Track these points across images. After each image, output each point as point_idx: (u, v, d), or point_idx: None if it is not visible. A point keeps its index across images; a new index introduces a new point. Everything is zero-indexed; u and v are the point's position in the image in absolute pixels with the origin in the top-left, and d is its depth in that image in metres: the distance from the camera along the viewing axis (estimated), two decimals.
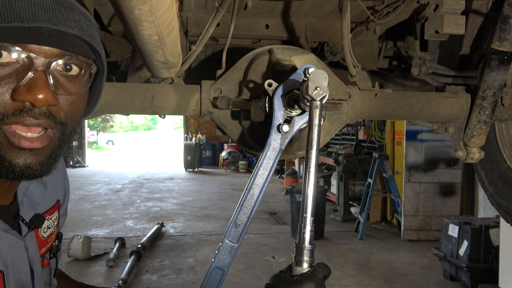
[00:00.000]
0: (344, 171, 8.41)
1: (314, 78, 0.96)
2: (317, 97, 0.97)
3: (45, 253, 0.95)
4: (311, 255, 0.90)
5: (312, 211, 0.93)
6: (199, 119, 10.18)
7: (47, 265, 0.95)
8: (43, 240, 0.94)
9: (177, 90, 1.59)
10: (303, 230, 0.91)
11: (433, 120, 1.80)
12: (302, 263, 0.90)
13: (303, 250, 0.90)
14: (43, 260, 0.94)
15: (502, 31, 1.46)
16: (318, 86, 0.96)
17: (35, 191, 0.92)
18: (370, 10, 1.84)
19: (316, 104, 0.98)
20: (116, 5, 0.83)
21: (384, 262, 6.12)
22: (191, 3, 1.89)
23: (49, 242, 0.97)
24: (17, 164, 0.71)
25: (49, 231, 0.97)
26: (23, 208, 0.89)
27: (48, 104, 0.72)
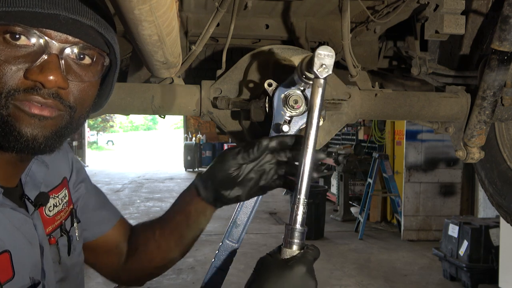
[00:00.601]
0: (344, 171, 8.41)
1: (321, 54, 0.89)
2: (322, 74, 0.90)
3: (52, 232, 0.96)
4: (302, 237, 0.86)
5: (306, 192, 0.87)
6: (199, 119, 10.19)
7: (54, 243, 0.96)
8: (48, 219, 0.95)
9: (177, 90, 1.59)
10: (295, 212, 0.86)
11: (433, 120, 1.80)
12: (292, 245, 0.86)
13: (294, 232, 0.86)
14: (50, 239, 0.95)
15: (502, 31, 1.46)
16: (324, 63, 0.90)
17: (37, 170, 0.94)
18: (370, 10, 1.84)
19: (320, 83, 0.91)
20: (116, 5, 0.83)
21: (384, 262, 6.12)
22: (191, 3, 1.89)
23: (56, 221, 0.98)
24: (24, 133, 0.75)
25: (55, 209, 0.98)
26: (27, 188, 0.91)
27: (57, 86, 0.75)
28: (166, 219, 1.13)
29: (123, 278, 1.21)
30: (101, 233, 1.15)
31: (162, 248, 1.12)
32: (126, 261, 1.18)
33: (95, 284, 5.30)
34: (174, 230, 1.10)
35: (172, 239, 1.10)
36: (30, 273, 0.85)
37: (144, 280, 1.21)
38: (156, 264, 1.15)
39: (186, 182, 13.36)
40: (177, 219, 1.09)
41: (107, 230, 1.16)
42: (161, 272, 1.18)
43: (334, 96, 1.58)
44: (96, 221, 1.14)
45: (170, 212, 1.12)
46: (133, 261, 1.16)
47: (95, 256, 1.17)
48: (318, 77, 0.91)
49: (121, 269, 1.18)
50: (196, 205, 1.06)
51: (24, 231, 0.85)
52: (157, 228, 1.14)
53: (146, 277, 1.20)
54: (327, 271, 5.63)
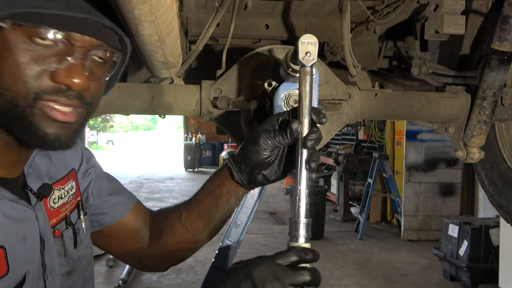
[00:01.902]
0: (344, 171, 8.41)
1: (304, 42, 0.89)
2: (308, 62, 0.89)
3: (56, 224, 0.96)
4: (308, 229, 0.85)
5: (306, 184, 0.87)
6: (199, 119, 10.19)
7: (58, 236, 0.96)
8: (53, 211, 0.95)
9: (177, 90, 1.59)
10: (298, 204, 0.85)
11: (433, 120, 1.80)
12: (298, 238, 0.85)
13: (299, 225, 0.84)
14: (54, 231, 0.95)
15: (502, 31, 1.46)
16: (308, 51, 0.89)
17: (40, 162, 0.95)
18: (370, 10, 1.84)
19: (307, 70, 0.90)
20: (116, 5, 0.83)
21: (384, 262, 6.12)
22: (191, 3, 1.89)
23: (61, 213, 0.98)
24: (50, 134, 0.79)
25: (61, 201, 0.98)
26: (30, 179, 0.91)
27: (82, 89, 0.80)
28: (193, 202, 1.11)
29: (148, 264, 1.19)
30: (120, 216, 1.13)
31: (190, 231, 1.10)
32: (150, 246, 1.16)
33: (95, 284, 5.28)
34: (202, 213, 1.08)
35: (200, 222, 1.09)
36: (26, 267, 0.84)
37: (169, 264, 1.19)
38: (183, 247, 1.13)
39: (186, 182, 13.36)
40: (206, 201, 1.08)
41: (125, 213, 1.14)
42: (188, 255, 1.16)
43: (334, 96, 1.58)
44: (113, 205, 1.13)
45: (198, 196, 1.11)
46: (159, 245, 1.15)
47: (116, 242, 1.16)
48: (304, 65, 0.89)
49: (145, 255, 1.16)
50: (228, 187, 1.05)
51: (23, 224, 0.84)
52: (184, 211, 1.12)
53: (172, 261, 1.18)
54: (327, 271, 5.63)
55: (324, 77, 1.56)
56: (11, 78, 0.74)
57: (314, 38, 0.90)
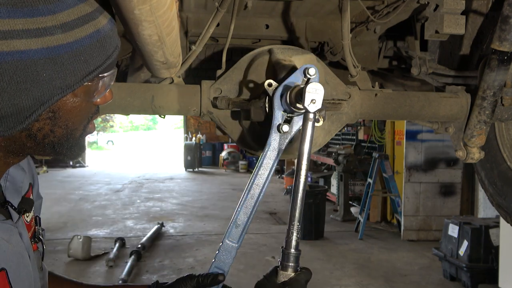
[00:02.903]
0: (344, 171, 8.40)
1: (311, 89, 0.96)
2: (312, 109, 0.97)
3: (31, 238, 0.95)
4: (296, 260, 0.97)
5: (300, 218, 0.99)
6: (199, 119, 10.18)
7: (36, 250, 0.97)
8: (27, 225, 0.94)
9: (177, 90, 1.59)
10: (290, 237, 0.97)
11: (433, 120, 1.80)
12: (287, 268, 0.96)
13: (290, 256, 0.96)
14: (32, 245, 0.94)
15: (502, 31, 1.46)
16: (314, 99, 0.96)
17: (15, 174, 0.94)
18: (370, 10, 1.84)
19: (310, 117, 0.98)
20: (116, 5, 0.83)
21: (384, 262, 6.12)
22: (191, 3, 1.89)
23: (32, 226, 0.97)
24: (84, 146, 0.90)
25: (30, 215, 0.97)
26: (9, 193, 0.90)
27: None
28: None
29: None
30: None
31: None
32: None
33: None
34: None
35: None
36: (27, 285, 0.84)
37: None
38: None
39: (186, 182, 13.37)
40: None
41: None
42: None
43: (334, 96, 1.58)
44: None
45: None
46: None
47: None
48: (308, 111, 0.97)
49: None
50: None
51: (14, 243, 0.83)
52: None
53: None
54: (327, 271, 5.63)
55: (324, 77, 1.56)
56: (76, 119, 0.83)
57: (321, 87, 0.96)
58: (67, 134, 0.82)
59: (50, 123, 0.78)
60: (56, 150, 0.83)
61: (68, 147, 0.84)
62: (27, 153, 0.84)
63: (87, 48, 0.76)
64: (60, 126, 0.80)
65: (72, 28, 0.74)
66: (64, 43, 0.73)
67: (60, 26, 0.72)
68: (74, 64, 0.75)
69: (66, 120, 0.80)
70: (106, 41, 0.79)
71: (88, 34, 0.76)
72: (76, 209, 9.17)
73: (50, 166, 15.66)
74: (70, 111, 0.80)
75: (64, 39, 0.73)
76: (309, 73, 1.03)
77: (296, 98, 1.02)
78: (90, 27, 0.76)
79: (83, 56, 0.76)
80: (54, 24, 0.72)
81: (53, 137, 0.80)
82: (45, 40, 0.71)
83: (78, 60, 0.75)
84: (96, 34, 0.77)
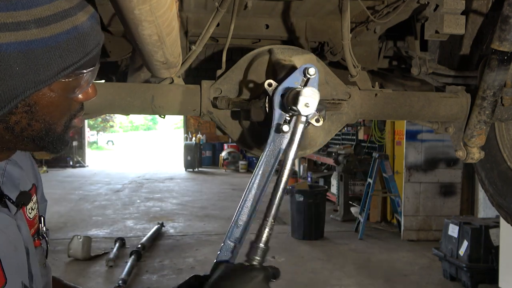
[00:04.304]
0: (344, 171, 8.40)
1: (306, 94, 0.96)
2: (305, 112, 0.97)
3: (34, 234, 0.97)
4: (263, 255, 0.97)
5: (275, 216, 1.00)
6: (199, 119, 10.18)
7: (39, 246, 0.98)
8: (30, 221, 0.96)
9: (177, 90, 1.59)
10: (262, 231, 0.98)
11: (433, 120, 1.80)
12: (252, 262, 0.96)
13: (257, 250, 0.97)
14: (34, 241, 0.96)
15: (502, 31, 1.46)
16: (308, 102, 0.96)
17: (12, 170, 0.95)
18: (370, 10, 1.84)
19: (302, 120, 0.99)
20: (116, 5, 0.83)
21: (384, 262, 6.12)
22: (191, 3, 1.89)
23: (35, 224, 0.99)
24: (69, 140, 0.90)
25: (33, 213, 0.98)
26: (6, 188, 0.91)
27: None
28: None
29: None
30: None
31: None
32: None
33: (95, 284, 5.30)
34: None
35: None
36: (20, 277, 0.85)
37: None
38: None
39: (186, 182, 13.36)
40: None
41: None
42: None
43: (334, 96, 1.58)
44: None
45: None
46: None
47: None
48: (301, 113, 0.98)
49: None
50: None
51: (9, 233, 0.84)
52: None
53: None
54: (327, 271, 5.63)
55: (324, 77, 1.56)
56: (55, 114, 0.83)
57: (317, 92, 0.97)
58: (46, 128, 0.82)
59: (27, 116, 0.79)
60: (37, 144, 0.84)
61: (50, 142, 0.85)
62: (9, 147, 0.85)
63: (63, 44, 0.76)
64: (37, 120, 0.80)
65: (48, 23, 0.74)
66: (39, 38, 0.73)
67: (34, 21, 0.73)
68: (49, 59, 0.75)
69: (43, 115, 0.81)
70: (85, 38, 0.79)
71: (64, 30, 0.76)
72: (76, 209, 9.16)
73: (50, 166, 15.66)
74: (48, 106, 0.81)
75: (38, 34, 0.73)
76: (309, 73, 1.03)
77: (292, 100, 1.02)
78: (67, 23, 0.76)
79: (58, 51, 0.76)
80: (28, 19, 0.72)
81: (31, 130, 0.81)
82: (19, 34, 0.72)
83: (52, 56, 0.75)
84: (74, 31, 0.77)
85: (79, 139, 17.62)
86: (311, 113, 0.98)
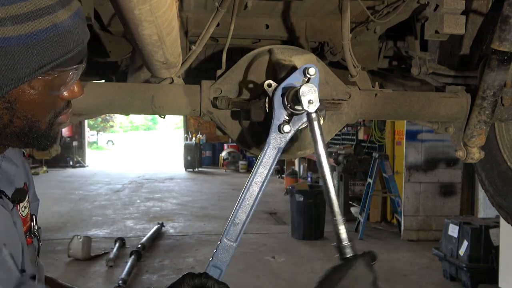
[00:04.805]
0: (344, 171, 8.40)
1: (306, 91, 0.99)
2: (312, 109, 1.01)
3: (26, 232, 0.98)
4: (353, 249, 0.99)
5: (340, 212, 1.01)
6: (199, 119, 10.18)
7: (31, 243, 0.98)
8: (23, 218, 0.97)
9: (177, 90, 1.59)
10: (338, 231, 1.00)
11: (433, 120, 1.80)
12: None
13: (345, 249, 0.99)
14: (27, 238, 0.97)
15: (502, 31, 1.46)
16: (311, 99, 1.00)
17: (7, 167, 0.96)
18: (370, 10, 1.84)
19: (313, 117, 1.02)
20: (116, 5, 0.83)
21: (384, 262, 6.12)
22: (191, 3, 1.89)
23: (27, 221, 1.00)
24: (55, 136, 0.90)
25: (25, 211, 0.99)
26: (2, 184, 0.92)
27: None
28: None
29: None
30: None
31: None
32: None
33: (95, 284, 5.30)
34: None
35: None
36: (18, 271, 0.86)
37: None
38: None
39: (186, 182, 13.36)
40: None
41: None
42: None
43: (334, 96, 1.58)
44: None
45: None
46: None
47: None
48: (309, 112, 1.01)
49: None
50: None
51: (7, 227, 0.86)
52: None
53: None
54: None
55: (324, 77, 1.56)
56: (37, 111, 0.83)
57: (313, 86, 1.00)
58: (28, 125, 0.83)
59: (8, 113, 0.80)
60: (22, 140, 0.85)
61: (34, 138, 0.85)
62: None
63: (41, 41, 0.76)
64: (18, 117, 0.81)
65: (25, 21, 0.74)
66: (15, 35, 0.73)
67: (10, 18, 0.73)
68: (26, 56, 0.75)
69: (24, 112, 0.81)
70: (66, 35, 0.79)
71: (42, 28, 0.76)
72: (76, 209, 9.16)
73: (50, 166, 15.66)
74: (28, 103, 0.81)
75: (14, 31, 0.73)
76: (309, 73, 1.03)
77: (293, 100, 1.04)
78: (45, 21, 0.76)
79: (36, 49, 0.76)
80: (4, 16, 0.72)
81: (13, 127, 0.82)
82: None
83: (30, 53, 0.75)
84: (52, 29, 0.77)
85: (79, 139, 17.61)
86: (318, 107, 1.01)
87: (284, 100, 1.09)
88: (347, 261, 0.97)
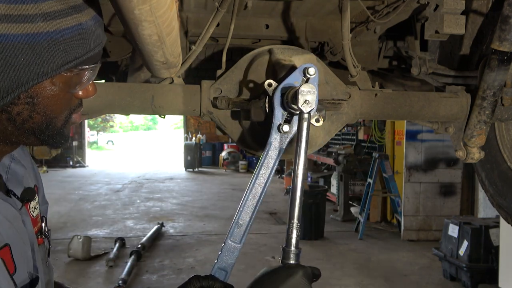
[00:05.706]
0: (344, 171, 8.40)
1: (304, 91, 0.99)
2: (306, 109, 1.00)
3: (37, 233, 0.99)
4: (297, 258, 0.98)
5: (299, 217, 1.00)
6: (199, 119, 10.18)
7: (42, 244, 0.99)
8: (33, 219, 0.98)
9: (177, 90, 1.59)
10: (290, 235, 0.98)
11: (433, 120, 1.80)
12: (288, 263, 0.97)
13: (290, 254, 0.98)
14: (38, 239, 0.97)
15: (502, 31, 1.46)
16: (307, 100, 0.99)
17: (16, 168, 0.97)
18: (370, 10, 1.84)
19: (305, 117, 1.01)
20: (116, 5, 0.83)
21: (384, 262, 6.12)
22: (191, 3, 1.89)
23: (38, 222, 1.01)
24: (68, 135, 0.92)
25: (36, 212, 1.01)
26: (11, 184, 0.93)
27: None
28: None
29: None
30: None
31: None
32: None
33: (95, 284, 5.30)
34: None
35: None
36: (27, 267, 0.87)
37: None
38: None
39: (186, 182, 13.36)
40: None
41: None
42: None
43: (334, 96, 1.58)
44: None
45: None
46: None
47: None
48: (303, 111, 1.00)
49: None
50: None
51: (16, 226, 0.86)
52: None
53: None
54: (327, 271, 5.63)
55: (324, 77, 1.56)
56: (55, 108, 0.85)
57: (313, 87, 0.99)
58: (46, 121, 0.84)
59: (29, 108, 0.81)
60: (38, 137, 0.86)
61: (50, 135, 0.87)
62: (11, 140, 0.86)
63: (67, 39, 0.79)
64: (38, 112, 0.82)
65: (54, 18, 0.77)
66: (44, 32, 0.76)
67: (41, 15, 0.75)
68: (53, 52, 0.78)
69: (44, 107, 0.83)
70: (88, 35, 0.82)
71: (69, 26, 0.79)
72: (76, 209, 9.16)
73: (50, 166, 15.66)
74: (49, 99, 0.83)
75: (44, 27, 0.76)
76: (308, 73, 1.03)
77: (293, 99, 1.03)
78: (72, 19, 0.79)
79: (62, 45, 0.79)
80: (35, 13, 0.75)
81: (32, 123, 0.83)
82: (25, 26, 0.74)
83: (56, 49, 0.78)
84: (78, 27, 0.80)
85: (79, 139, 17.61)
86: (313, 109, 1.00)
87: (284, 100, 1.08)
88: (288, 268, 0.95)
